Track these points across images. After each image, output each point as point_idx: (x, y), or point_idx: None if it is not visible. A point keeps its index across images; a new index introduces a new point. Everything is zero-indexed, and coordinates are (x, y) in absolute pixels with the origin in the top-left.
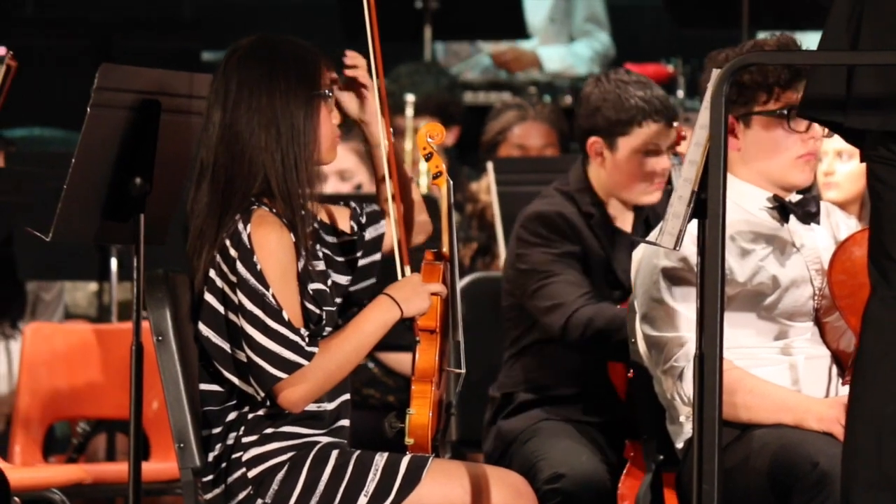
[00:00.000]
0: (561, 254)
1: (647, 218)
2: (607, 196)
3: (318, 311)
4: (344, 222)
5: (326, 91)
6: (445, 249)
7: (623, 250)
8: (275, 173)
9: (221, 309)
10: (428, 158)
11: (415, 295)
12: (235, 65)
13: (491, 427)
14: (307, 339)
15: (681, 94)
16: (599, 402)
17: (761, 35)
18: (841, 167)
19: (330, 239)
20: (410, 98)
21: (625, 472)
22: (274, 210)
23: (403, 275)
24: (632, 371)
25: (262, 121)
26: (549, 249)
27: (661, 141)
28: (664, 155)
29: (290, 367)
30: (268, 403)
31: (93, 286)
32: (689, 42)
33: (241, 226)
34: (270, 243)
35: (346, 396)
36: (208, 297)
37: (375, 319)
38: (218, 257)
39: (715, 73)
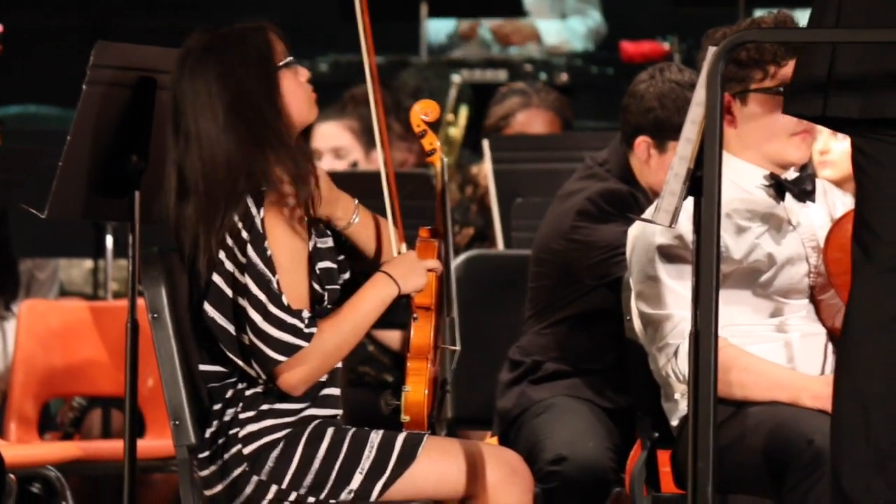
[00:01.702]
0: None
1: None
2: (645, 185)
3: (321, 290)
4: (345, 213)
5: (285, 61)
6: (439, 226)
7: None
8: (257, 167)
9: (229, 292)
10: (422, 136)
11: (412, 271)
12: (188, 75)
13: (513, 387)
14: (307, 322)
15: None
16: (626, 380)
17: (758, 13)
18: (836, 145)
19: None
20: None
21: (634, 447)
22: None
23: (399, 252)
24: None
25: (228, 124)
26: (620, 226)
27: None
28: None
29: (290, 350)
30: (270, 385)
31: (88, 263)
32: (685, 19)
33: (253, 210)
34: (282, 226)
35: (337, 364)
36: (217, 278)
37: (373, 298)
38: (229, 240)
39: (711, 51)
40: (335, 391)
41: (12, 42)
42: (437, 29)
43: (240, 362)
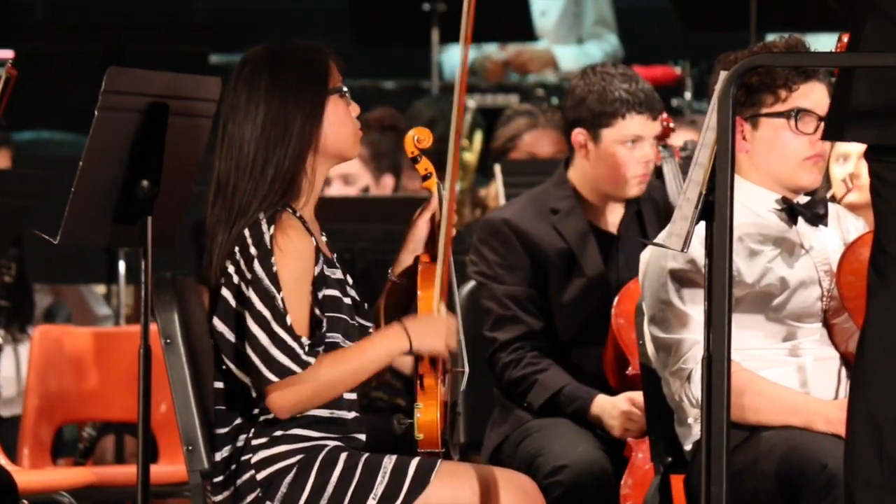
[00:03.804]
0: (493, 265)
1: (639, 212)
2: (593, 195)
3: (320, 314)
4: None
5: (339, 86)
6: (432, 251)
7: (596, 245)
8: (281, 183)
9: (234, 304)
10: (415, 161)
11: (432, 333)
12: (245, 79)
13: (493, 422)
14: (306, 348)
15: (688, 95)
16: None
17: (770, 37)
18: (866, 169)
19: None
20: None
21: (626, 471)
22: (298, 214)
23: (437, 311)
24: (630, 367)
25: (264, 135)
26: (483, 267)
27: (645, 133)
28: (648, 147)
29: (283, 373)
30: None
31: (101, 289)
32: (697, 44)
33: (264, 226)
34: (290, 248)
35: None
36: (225, 292)
37: (382, 348)
38: (238, 254)
39: (723, 76)
40: (362, 437)
41: (25, 68)
42: (454, 64)
43: (245, 377)
